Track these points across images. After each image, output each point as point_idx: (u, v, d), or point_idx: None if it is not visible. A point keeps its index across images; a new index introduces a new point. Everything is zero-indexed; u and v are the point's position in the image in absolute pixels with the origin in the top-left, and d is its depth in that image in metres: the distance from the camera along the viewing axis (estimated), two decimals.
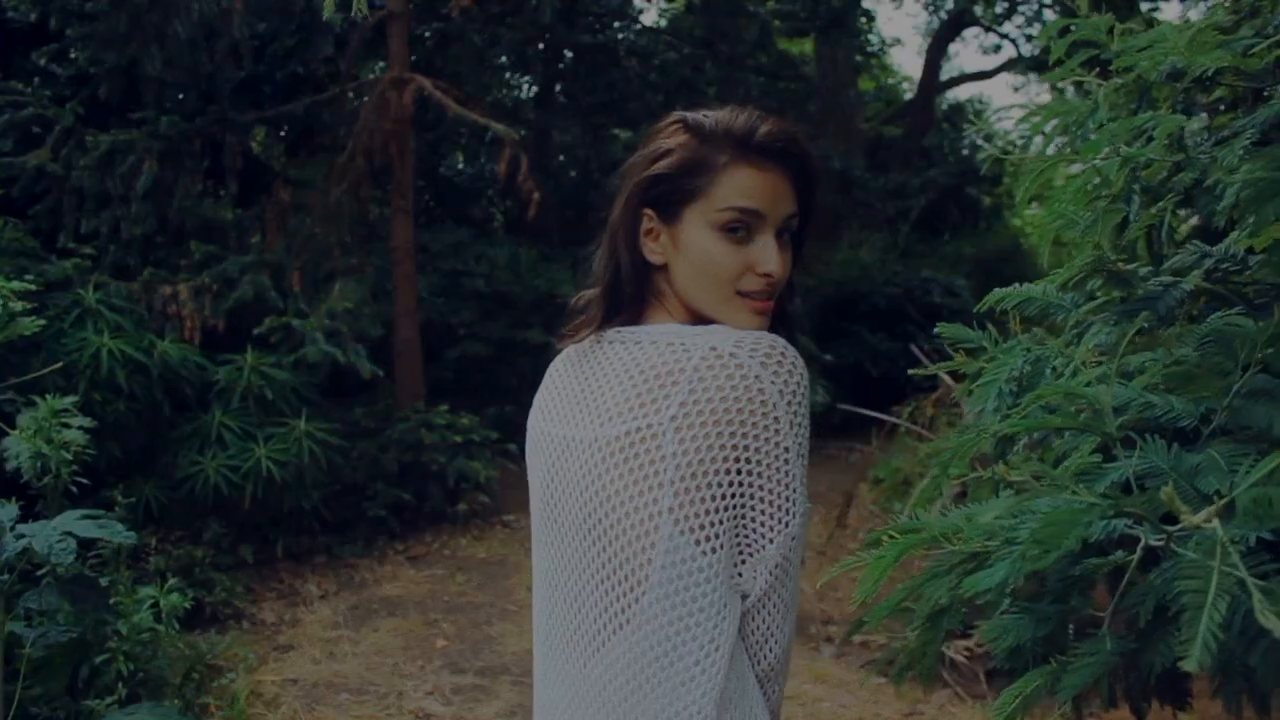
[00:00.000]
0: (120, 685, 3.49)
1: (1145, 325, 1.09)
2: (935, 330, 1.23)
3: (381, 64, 8.71)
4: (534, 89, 11.32)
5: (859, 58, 16.75)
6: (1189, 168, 1.29)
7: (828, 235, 12.84)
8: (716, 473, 1.14)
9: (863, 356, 10.77)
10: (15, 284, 4.06)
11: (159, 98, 6.05)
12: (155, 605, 3.93)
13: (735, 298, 1.23)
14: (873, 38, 17.72)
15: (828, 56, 14.69)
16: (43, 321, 4.13)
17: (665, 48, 9.78)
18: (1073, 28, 1.69)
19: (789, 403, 1.13)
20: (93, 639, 3.53)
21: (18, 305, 4.25)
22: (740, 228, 1.20)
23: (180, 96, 6.14)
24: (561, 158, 11.40)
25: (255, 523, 5.74)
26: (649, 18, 13.23)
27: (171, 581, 3.97)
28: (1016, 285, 1.23)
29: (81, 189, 6.02)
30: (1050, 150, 1.57)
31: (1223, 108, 1.85)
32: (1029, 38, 16.02)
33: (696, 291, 1.24)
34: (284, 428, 5.63)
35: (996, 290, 1.24)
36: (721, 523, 1.15)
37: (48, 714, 2.66)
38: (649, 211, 1.25)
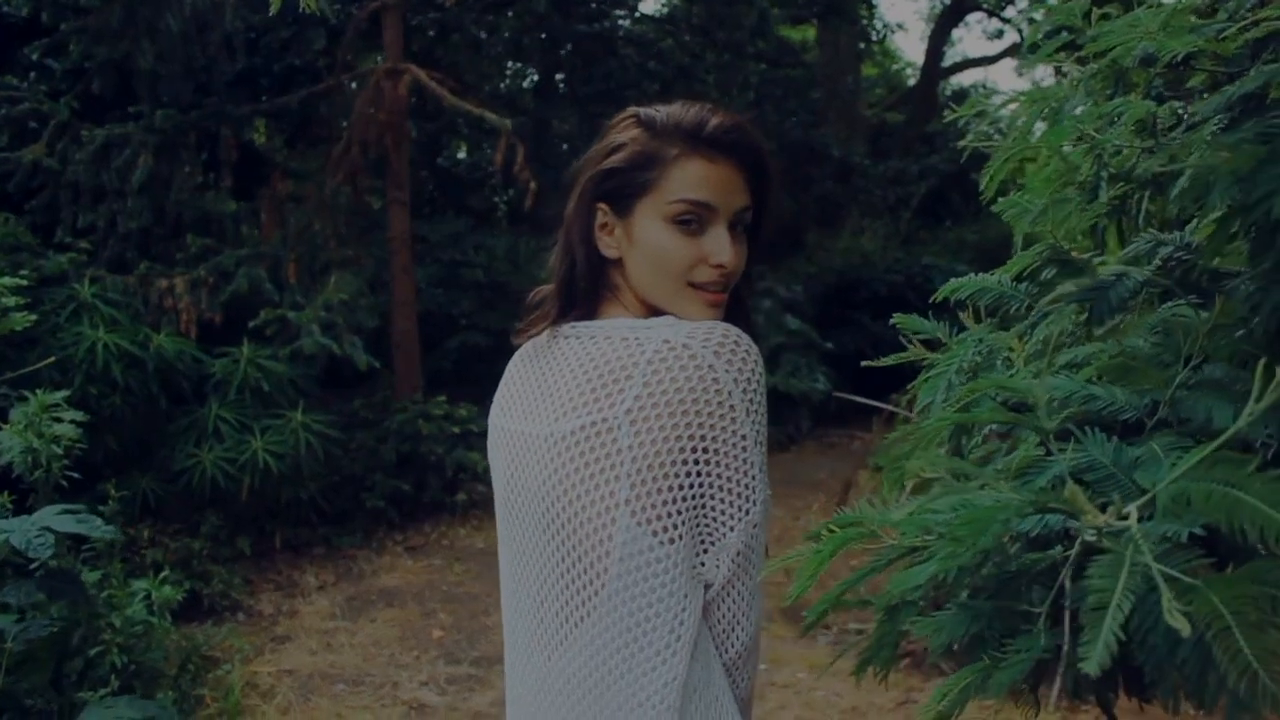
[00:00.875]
0: (113, 677, 3.51)
1: (1089, 317, 1.08)
2: (891, 320, 1.22)
3: (381, 55, 8.70)
4: (534, 79, 11.30)
5: (862, 44, 16.70)
6: (1159, 153, 1.28)
7: (829, 223, 12.81)
8: (673, 464, 1.14)
9: (864, 344, 10.75)
10: (6, 279, 4.06)
11: (153, 91, 6.05)
12: (149, 598, 3.95)
13: (688, 289, 1.23)
14: (877, 24, 17.67)
15: (829, 43, 14.64)
16: (34, 317, 4.14)
17: (663, 35, 9.75)
18: (1039, 14, 1.67)
19: (744, 390, 1.13)
20: (87, 633, 3.54)
21: (11, 300, 4.26)
22: (692, 219, 1.20)
23: (175, 90, 6.13)
24: (565, 146, 11.38)
25: (253, 515, 5.75)
26: (648, 6, 13.21)
27: (164, 574, 3.98)
28: (972, 275, 1.23)
29: (77, 183, 6.03)
30: (1034, 138, 1.56)
31: (1204, 93, 1.83)
32: (1032, 22, 15.92)
33: (650, 284, 1.24)
34: (281, 420, 5.64)
35: (953, 280, 1.23)
36: (680, 513, 1.15)
37: (32, 706, 2.67)
38: (603, 206, 1.25)
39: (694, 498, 1.15)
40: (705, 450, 1.14)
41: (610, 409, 1.17)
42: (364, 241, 7.30)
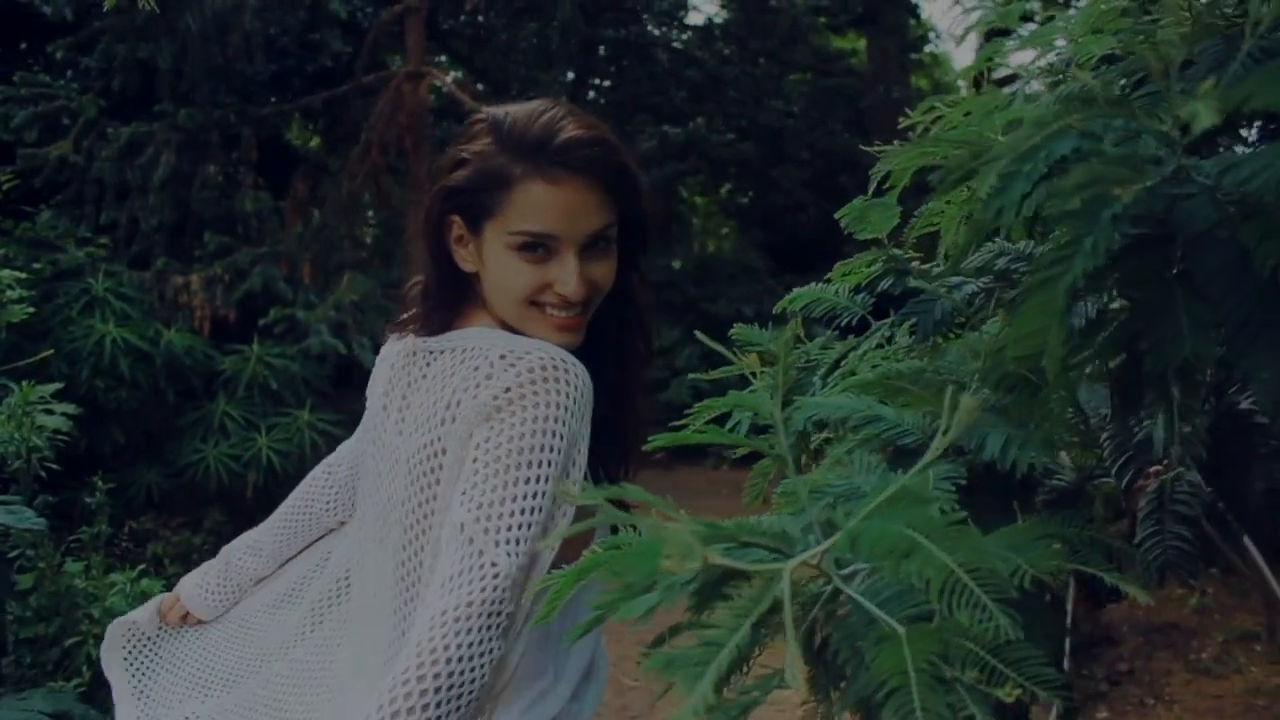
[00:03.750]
0: (86, 669, 3.53)
1: (916, 332, 1.02)
2: (730, 332, 1.16)
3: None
4: (568, 84, 11.31)
5: (913, 55, 16.46)
6: None
7: None
8: (491, 487, 1.12)
9: None
10: (5, 272, 4.13)
11: (174, 90, 6.14)
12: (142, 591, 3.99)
13: (533, 311, 1.18)
14: (930, 33, 17.40)
15: (877, 52, 14.46)
16: (31, 309, 4.20)
17: (698, 43, 9.70)
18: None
19: (546, 424, 1.08)
20: (66, 624, 3.57)
21: (15, 293, 4.33)
22: (538, 246, 1.15)
23: (198, 89, 6.22)
24: None
25: (259, 512, 5.79)
26: (698, 17, 13.15)
27: (140, 567, 4.01)
28: (813, 285, 1.16)
29: (102, 180, 6.14)
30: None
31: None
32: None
33: (499, 306, 1.21)
34: (287, 418, 5.68)
35: (796, 290, 1.17)
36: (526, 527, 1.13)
37: None
38: (456, 219, 1.21)
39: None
40: (505, 472, 1.09)
41: (442, 429, 1.16)
42: (386, 243, 7.35)
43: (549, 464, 1.07)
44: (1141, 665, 4.39)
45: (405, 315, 1.33)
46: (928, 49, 18.02)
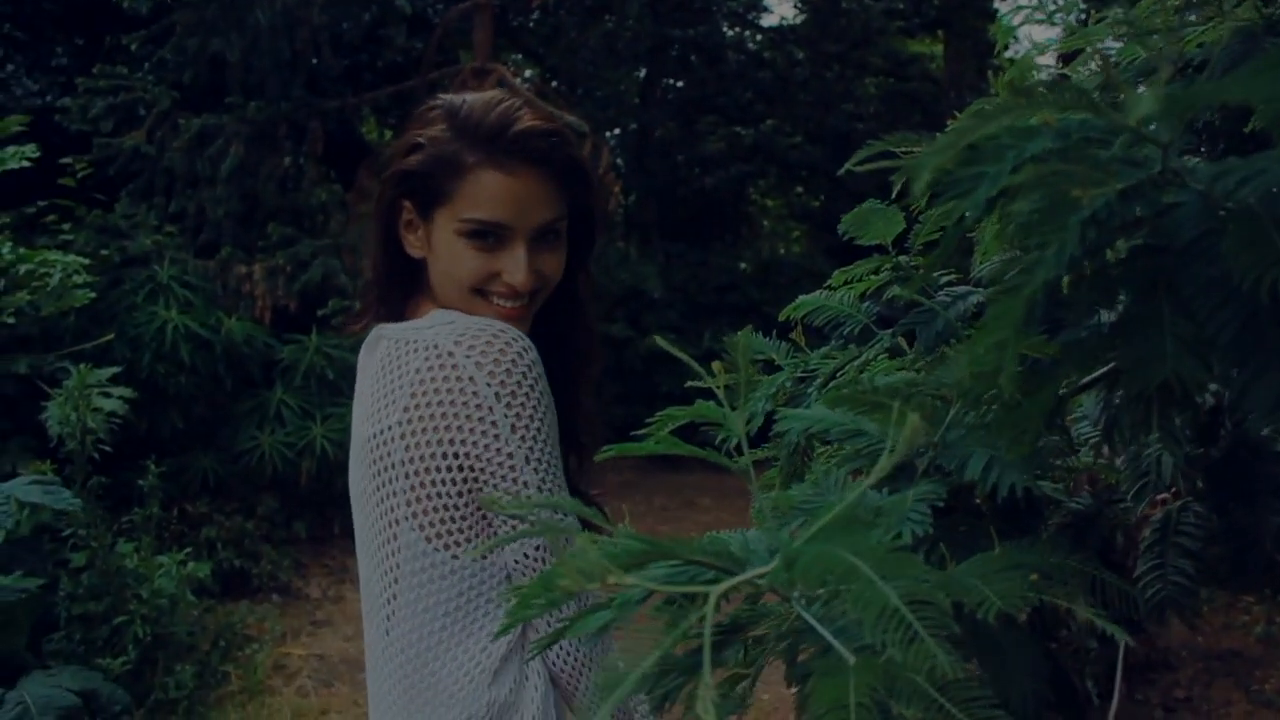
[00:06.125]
0: (131, 647, 3.60)
1: (917, 344, 0.96)
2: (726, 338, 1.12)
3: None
4: (639, 83, 11.30)
5: (993, 59, 16.10)
6: None
7: None
8: (443, 480, 1.11)
9: None
10: (71, 258, 4.23)
11: (244, 83, 6.26)
12: (181, 572, 4.06)
13: (480, 301, 1.18)
14: (1012, 39, 16.98)
15: (954, 56, 14.20)
16: (93, 294, 4.30)
17: (769, 45, 9.60)
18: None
19: (507, 405, 1.07)
20: (116, 602, 3.65)
21: (80, 278, 4.44)
22: (488, 235, 1.15)
23: (267, 82, 6.33)
24: (679, 154, 11.32)
25: (312, 500, 5.87)
26: (771, 19, 13.03)
27: (188, 550, 4.08)
28: (818, 293, 1.12)
29: (172, 170, 6.28)
30: None
31: None
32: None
33: (443, 290, 1.20)
34: (343, 408, 5.74)
35: (800, 298, 1.13)
36: (458, 520, 1.12)
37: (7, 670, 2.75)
38: (408, 204, 1.19)
39: (472, 511, 1.11)
40: (471, 469, 1.09)
41: (388, 419, 1.14)
42: None
43: (537, 448, 1.08)
44: (1200, 693, 4.23)
45: (356, 312, 1.34)
46: (1008, 54, 17.66)
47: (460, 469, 1.09)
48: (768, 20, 12.37)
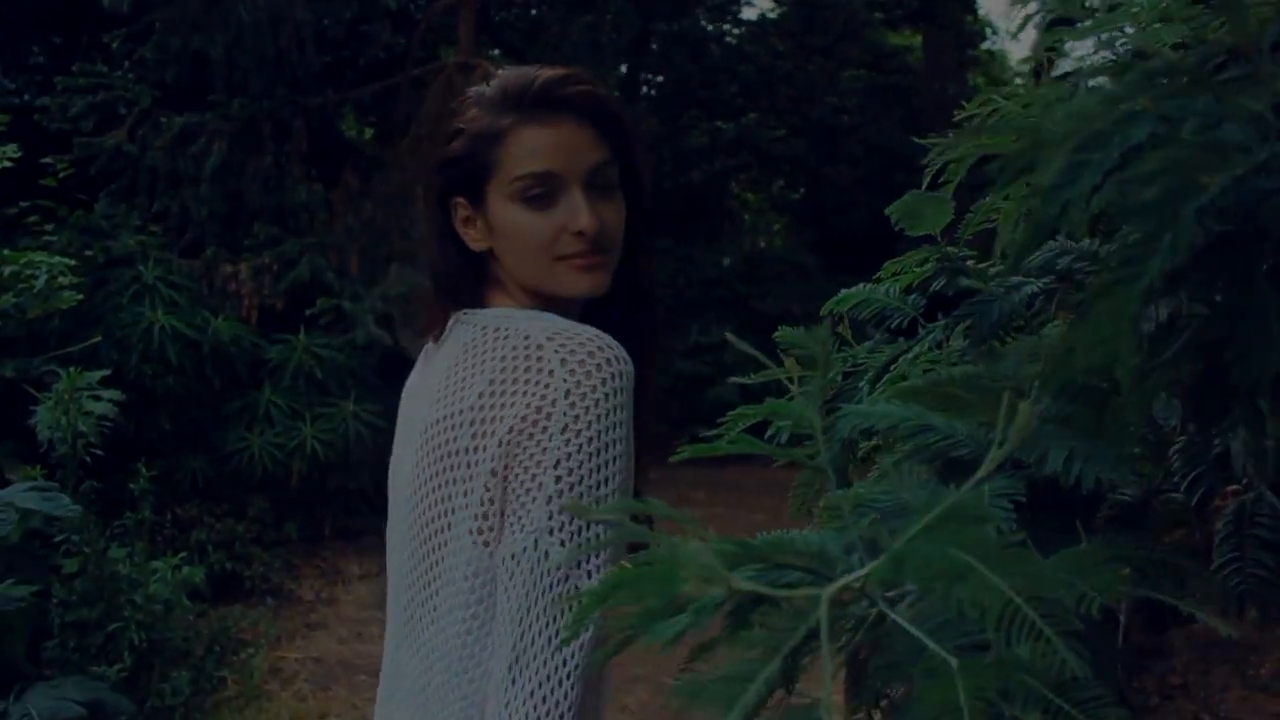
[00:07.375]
0: (127, 654, 3.56)
1: (971, 336, 0.95)
2: (774, 335, 1.10)
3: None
4: (621, 77, 11.27)
5: (970, 51, 16.18)
6: None
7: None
8: (508, 476, 1.06)
9: None
10: (57, 259, 4.17)
11: (227, 81, 6.19)
12: (174, 577, 4.01)
13: (557, 264, 1.14)
14: (989, 30, 17.09)
15: (932, 49, 14.25)
16: (80, 296, 4.23)
17: (750, 39, 9.59)
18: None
19: (587, 415, 1.02)
20: (110, 609, 3.60)
21: (65, 280, 4.37)
22: (540, 192, 1.12)
23: (250, 80, 6.27)
24: (661, 149, 11.27)
25: (303, 501, 5.83)
26: (752, 12, 12.99)
27: (182, 554, 4.03)
28: (861, 286, 1.10)
29: (155, 169, 6.21)
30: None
31: None
32: None
33: (520, 269, 1.16)
34: (332, 408, 5.70)
35: (843, 291, 1.11)
36: (494, 516, 1.07)
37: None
38: (460, 200, 1.17)
39: (501, 509, 1.07)
40: (534, 473, 1.04)
41: (459, 402, 1.10)
42: None
43: (611, 476, 1.04)
44: (1196, 680, 4.25)
45: (424, 324, 1.30)
46: (984, 45, 17.74)
47: (527, 469, 1.03)
48: (748, 14, 12.36)
